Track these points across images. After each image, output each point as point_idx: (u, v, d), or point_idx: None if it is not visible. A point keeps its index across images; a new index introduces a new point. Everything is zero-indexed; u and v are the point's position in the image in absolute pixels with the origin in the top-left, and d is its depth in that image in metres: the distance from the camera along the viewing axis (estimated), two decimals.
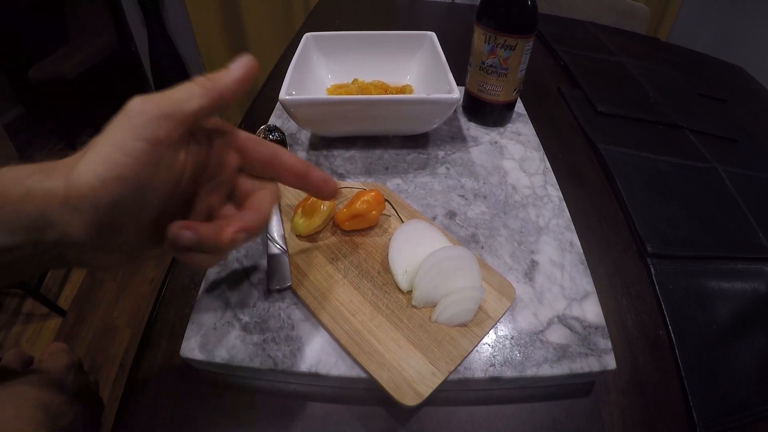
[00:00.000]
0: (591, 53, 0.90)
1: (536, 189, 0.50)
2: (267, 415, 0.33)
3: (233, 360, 0.32)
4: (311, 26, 0.95)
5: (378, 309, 0.35)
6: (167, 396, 0.33)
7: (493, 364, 0.33)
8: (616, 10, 1.21)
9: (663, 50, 1.01)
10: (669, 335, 0.39)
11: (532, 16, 0.51)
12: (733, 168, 0.61)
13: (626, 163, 0.58)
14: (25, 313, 1.40)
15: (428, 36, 0.61)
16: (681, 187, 0.56)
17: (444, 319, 0.34)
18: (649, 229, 0.48)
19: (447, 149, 0.55)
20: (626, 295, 0.42)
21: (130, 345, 1.32)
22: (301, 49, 0.56)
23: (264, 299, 0.37)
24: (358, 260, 0.39)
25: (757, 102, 0.89)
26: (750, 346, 0.39)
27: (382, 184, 0.48)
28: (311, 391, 0.34)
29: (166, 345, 0.36)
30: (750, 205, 0.54)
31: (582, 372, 0.33)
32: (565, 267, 0.41)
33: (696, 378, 0.36)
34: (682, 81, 0.85)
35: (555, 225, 0.45)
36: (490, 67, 0.54)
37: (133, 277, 1.53)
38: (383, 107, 0.49)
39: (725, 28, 1.58)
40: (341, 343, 0.33)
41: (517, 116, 0.62)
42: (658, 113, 0.71)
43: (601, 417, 0.34)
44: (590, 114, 0.69)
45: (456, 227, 0.44)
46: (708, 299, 0.43)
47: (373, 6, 1.11)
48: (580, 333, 0.35)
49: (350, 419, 0.32)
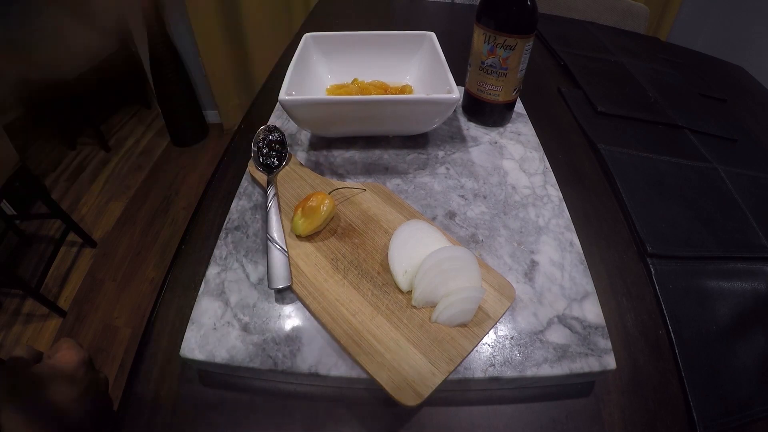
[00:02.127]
0: (591, 53, 0.90)
1: (536, 189, 0.50)
2: (267, 415, 0.33)
3: (233, 360, 0.32)
4: (311, 26, 0.95)
5: (378, 309, 0.35)
6: (167, 396, 0.33)
7: (493, 364, 0.33)
8: (616, 10, 1.21)
9: (663, 50, 1.01)
10: (669, 335, 0.39)
11: (531, 16, 0.51)
12: (733, 168, 0.61)
13: (626, 163, 0.58)
14: (25, 313, 1.40)
15: (428, 36, 0.61)
16: (681, 187, 0.56)
17: (444, 319, 0.34)
18: (649, 229, 0.48)
19: (447, 149, 0.55)
20: (626, 295, 0.42)
21: (130, 345, 1.32)
22: (300, 49, 0.56)
23: (264, 299, 0.37)
24: (358, 260, 0.39)
25: (757, 102, 0.89)
26: (750, 346, 0.39)
27: (382, 184, 0.48)
28: (311, 391, 0.34)
29: (166, 345, 0.36)
30: (750, 205, 0.54)
31: (582, 372, 0.33)
32: (565, 267, 0.41)
33: (696, 378, 0.36)
34: (682, 81, 0.85)
35: (555, 225, 0.45)
36: (490, 67, 0.54)
37: (133, 277, 1.53)
38: (383, 107, 0.49)
39: (725, 28, 1.58)
40: (341, 343, 0.33)
41: (517, 116, 0.62)
42: (658, 113, 0.71)
43: (601, 417, 0.34)
44: (590, 114, 0.69)
45: (456, 227, 0.44)
46: (708, 299, 0.43)
47: (373, 6, 1.11)
48: (580, 333, 0.35)
49: (350, 419, 0.32)
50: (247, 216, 0.44)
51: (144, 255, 1.61)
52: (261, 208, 0.45)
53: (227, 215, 0.44)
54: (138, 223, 1.73)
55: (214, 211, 0.47)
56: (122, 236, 1.68)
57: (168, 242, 1.66)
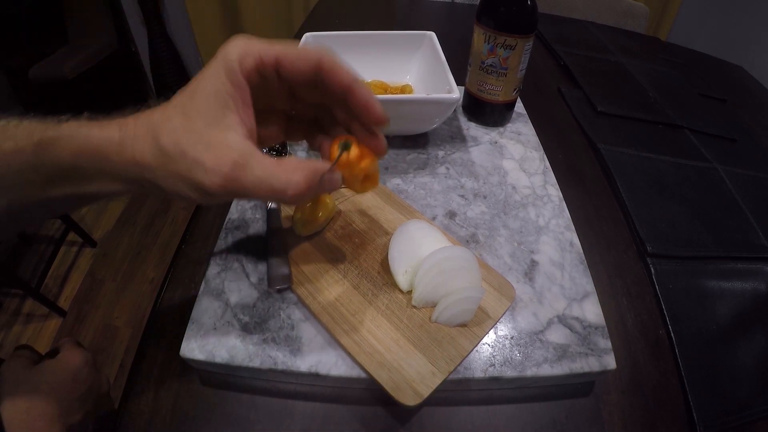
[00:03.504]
0: (591, 53, 0.90)
1: (536, 189, 0.50)
2: (267, 415, 0.33)
3: (233, 360, 0.32)
4: (311, 26, 0.95)
5: (378, 309, 0.35)
6: (167, 396, 0.33)
7: (493, 364, 0.33)
8: (616, 9, 1.21)
9: (663, 50, 1.01)
10: (669, 335, 0.39)
11: (531, 16, 0.51)
12: (733, 168, 0.61)
13: (626, 163, 0.58)
14: (25, 313, 1.40)
15: (428, 36, 0.61)
16: (681, 187, 0.56)
17: (444, 319, 0.34)
18: (649, 229, 0.48)
19: (447, 149, 0.55)
20: (626, 295, 0.42)
21: (130, 345, 1.32)
22: None
23: (264, 299, 0.37)
24: (358, 260, 0.39)
25: (757, 102, 0.89)
26: (750, 346, 0.39)
27: (382, 184, 0.48)
28: (311, 391, 0.34)
29: (166, 345, 0.36)
30: (750, 205, 0.54)
31: (582, 372, 0.33)
32: (565, 267, 0.41)
33: (696, 378, 0.36)
34: (682, 81, 0.85)
35: (555, 225, 0.45)
36: (490, 66, 0.54)
37: (133, 277, 1.53)
38: (383, 107, 0.49)
39: (725, 28, 1.58)
40: (341, 343, 0.33)
41: (517, 116, 0.62)
42: (658, 113, 0.71)
43: (601, 417, 0.34)
44: (590, 114, 0.69)
45: (456, 227, 0.44)
46: (708, 299, 0.43)
47: (373, 6, 1.11)
48: (580, 333, 0.35)
49: (350, 419, 0.32)
50: (247, 216, 0.44)
51: (144, 255, 1.60)
52: (261, 208, 0.45)
53: (227, 215, 0.44)
54: (138, 223, 1.73)
55: (214, 211, 0.47)
56: (122, 236, 1.68)
57: (168, 242, 1.66)
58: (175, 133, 0.22)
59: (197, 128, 0.23)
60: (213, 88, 0.23)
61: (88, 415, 0.32)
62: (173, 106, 0.23)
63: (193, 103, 0.23)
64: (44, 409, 0.30)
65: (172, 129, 0.22)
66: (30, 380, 0.31)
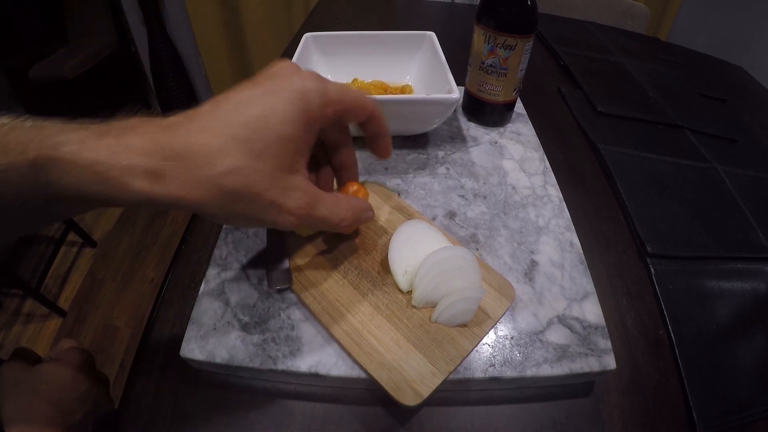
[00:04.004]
0: (591, 53, 0.90)
1: (536, 189, 0.50)
2: (267, 415, 0.33)
3: (233, 360, 0.32)
4: (311, 26, 0.95)
5: (378, 309, 0.35)
6: (167, 396, 0.33)
7: (493, 365, 0.33)
8: (616, 10, 1.21)
9: (663, 50, 1.01)
10: (669, 335, 0.39)
11: (531, 16, 0.51)
12: (733, 168, 0.61)
13: (626, 163, 0.58)
14: (25, 313, 1.40)
15: (428, 36, 0.61)
16: (681, 187, 0.56)
17: (444, 319, 0.34)
18: (649, 229, 0.48)
19: (447, 149, 0.55)
20: (626, 295, 0.43)
21: (130, 345, 1.33)
22: (301, 49, 0.56)
23: (264, 299, 0.37)
24: (358, 260, 0.39)
25: (757, 102, 0.89)
26: (750, 346, 0.39)
27: (382, 184, 0.48)
28: (311, 391, 0.34)
29: (166, 345, 0.36)
30: (750, 205, 0.54)
31: (582, 372, 0.33)
32: (565, 267, 0.41)
33: (696, 378, 0.36)
34: (682, 81, 0.85)
35: (555, 225, 0.45)
36: (490, 67, 0.54)
37: (133, 277, 1.53)
38: (383, 107, 0.49)
39: (725, 28, 1.58)
40: (341, 343, 0.33)
41: (517, 116, 0.62)
42: (658, 113, 0.71)
43: (601, 417, 0.34)
44: (590, 114, 0.69)
45: (456, 227, 0.44)
46: (708, 299, 0.43)
47: (373, 6, 1.11)
48: (580, 333, 0.35)
49: (350, 419, 0.32)
50: None
51: (144, 255, 1.61)
52: None
53: None
54: (138, 223, 1.73)
55: None
56: (122, 236, 1.68)
57: (168, 242, 1.66)
58: (244, 175, 0.22)
59: (268, 171, 0.22)
60: (291, 134, 0.23)
61: (88, 416, 0.32)
62: (231, 138, 0.21)
63: (264, 144, 0.22)
64: (44, 409, 0.30)
65: (237, 170, 0.21)
66: (29, 381, 0.31)
